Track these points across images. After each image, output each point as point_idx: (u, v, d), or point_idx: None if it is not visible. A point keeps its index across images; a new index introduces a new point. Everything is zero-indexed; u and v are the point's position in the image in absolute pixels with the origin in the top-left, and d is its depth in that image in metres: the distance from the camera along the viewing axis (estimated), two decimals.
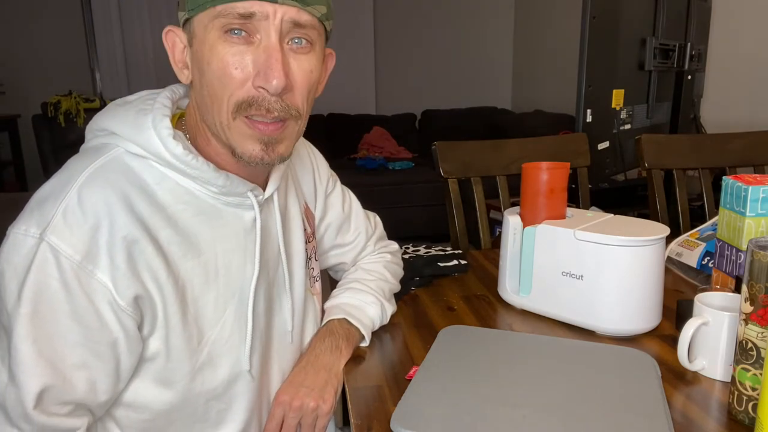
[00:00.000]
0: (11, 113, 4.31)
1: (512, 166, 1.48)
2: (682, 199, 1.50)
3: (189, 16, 0.63)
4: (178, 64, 0.67)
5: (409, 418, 0.65)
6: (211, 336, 0.69)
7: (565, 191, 0.94)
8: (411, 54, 4.94)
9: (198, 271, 0.67)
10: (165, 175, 0.66)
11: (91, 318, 0.60)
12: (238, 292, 0.71)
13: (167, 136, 0.64)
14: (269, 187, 0.74)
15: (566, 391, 0.70)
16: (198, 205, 0.67)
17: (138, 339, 0.64)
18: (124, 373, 0.64)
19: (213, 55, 0.61)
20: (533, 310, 0.96)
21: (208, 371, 0.70)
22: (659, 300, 0.88)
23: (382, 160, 4.12)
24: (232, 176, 0.68)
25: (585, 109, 1.81)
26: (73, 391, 0.61)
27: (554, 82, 4.37)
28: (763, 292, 0.62)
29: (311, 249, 0.86)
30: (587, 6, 1.76)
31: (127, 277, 0.61)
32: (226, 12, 0.60)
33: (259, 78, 0.61)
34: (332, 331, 0.84)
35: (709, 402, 0.71)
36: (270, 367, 0.79)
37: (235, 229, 0.71)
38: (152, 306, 0.64)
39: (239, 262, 0.71)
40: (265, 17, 0.60)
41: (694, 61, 2.25)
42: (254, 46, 0.61)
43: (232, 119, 0.63)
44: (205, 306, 0.68)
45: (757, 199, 0.89)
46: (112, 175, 0.63)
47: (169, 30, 0.67)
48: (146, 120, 0.65)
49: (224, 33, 0.61)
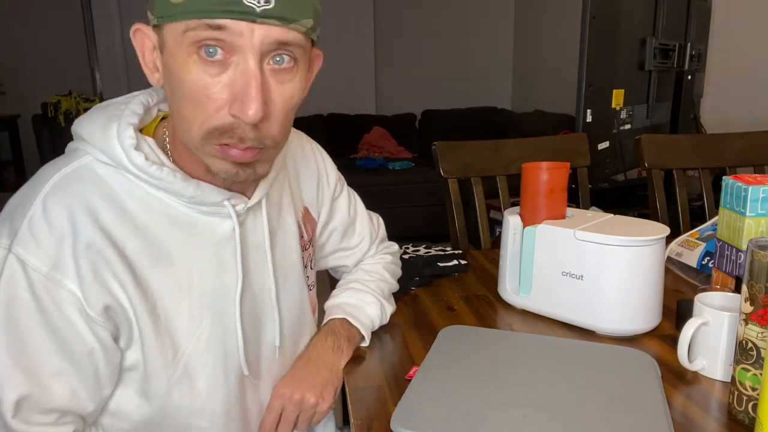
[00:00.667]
0: (11, 113, 4.31)
1: (512, 166, 1.48)
2: (682, 199, 1.50)
3: (157, 23, 0.59)
4: (148, 65, 0.63)
5: (409, 418, 0.65)
6: (186, 349, 0.67)
7: (565, 191, 0.94)
8: (411, 54, 4.94)
9: (169, 281, 0.65)
10: (135, 184, 0.63)
11: (64, 327, 0.60)
12: (215, 304, 0.68)
13: (129, 147, 0.62)
14: (255, 196, 0.71)
15: (566, 391, 0.70)
16: (169, 214, 0.65)
17: (115, 349, 0.63)
18: (105, 381, 0.64)
19: (185, 74, 0.57)
20: (533, 310, 0.96)
21: (185, 385, 0.68)
22: (659, 300, 0.88)
23: (382, 160, 4.12)
24: (204, 185, 0.65)
25: (585, 109, 1.81)
26: (52, 398, 0.61)
27: (554, 82, 4.37)
28: (763, 292, 0.62)
29: (307, 257, 0.84)
30: (587, 6, 1.76)
31: (94, 287, 0.60)
32: (194, 25, 0.55)
33: (235, 105, 0.56)
34: (334, 331, 0.83)
35: (709, 402, 0.71)
36: (259, 384, 0.77)
37: (212, 239, 0.68)
38: (126, 317, 0.62)
39: (216, 273, 0.68)
40: (239, 34, 0.54)
41: (694, 61, 2.25)
42: (231, 68, 0.56)
43: (204, 143, 0.60)
44: (178, 317, 0.66)
45: (757, 199, 0.89)
46: (77, 184, 0.62)
47: (137, 29, 0.62)
48: (112, 127, 0.63)
49: (198, 50, 0.56)
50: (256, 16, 0.54)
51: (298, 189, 0.84)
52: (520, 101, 4.97)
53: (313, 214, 0.87)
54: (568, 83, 2.35)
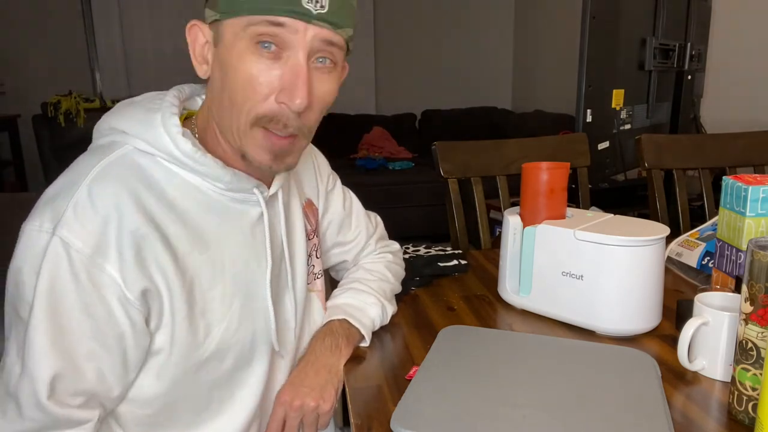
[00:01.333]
0: (11, 113, 4.30)
1: (512, 166, 1.48)
2: (682, 199, 1.50)
3: (219, 18, 0.64)
4: (197, 58, 0.68)
5: (409, 418, 0.65)
6: (219, 329, 0.70)
7: (565, 191, 0.94)
8: (411, 54, 4.94)
9: (206, 266, 0.68)
10: (173, 172, 0.67)
11: (100, 311, 0.62)
12: (244, 287, 0.72)
13: (176, 134, 0.66)
14: (274, 185, 0.76)
15: (566, 391, 0.70)
16: (205, 201, 0.69)
17: (145, 332, 0.65)
18: (132, 365, 0.66)
19: (241, 63, 0.62)
20: (533, 310, 0.96)
21: (214, 363, 0.71)
22: (659, 300, 0.88)
23: (382, 160, 4.12)
24: (239, 173, 0.70)
25: (585, 109, 1.81)
26: (83, 381, 0.63)
27: (554, 82, 4.37)
28: (763, 292, 0.62)
29: (312, 246, 0.87)
30: (587, 6, 1.76)
31: (135, 272, 0.62)
32: (257, 20, 0.61)
33: (283, 94, 0.63)
34: (332, 331, 0.84)
35: (709, 402, 0.71)
36: (276, 360, 0.80)
37: (242, 225, 0.72)
38: (159, 300, 0.65)
39: (246, 257, 0.73)
40: (295, 31, 0.61)
41: (694, 61, 2.25)
42: (282, 61, 0.63)
43: (249, 128, 0.65)
44: (213, 300, 0.69)
45: (757, 199, 0.89)
46: (121, 172, 0.64)
47: (193, 24, 0.67)
48: (155, 118, 0.67)
49: (255, 44, 0.62)
50: (312, 18, 0.61)
51: (300, 181, 0.88)
52: (520, 101, 4.97)
53: (315, 204, 0.90)
54: (568, 83, 2.35)
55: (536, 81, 4.73)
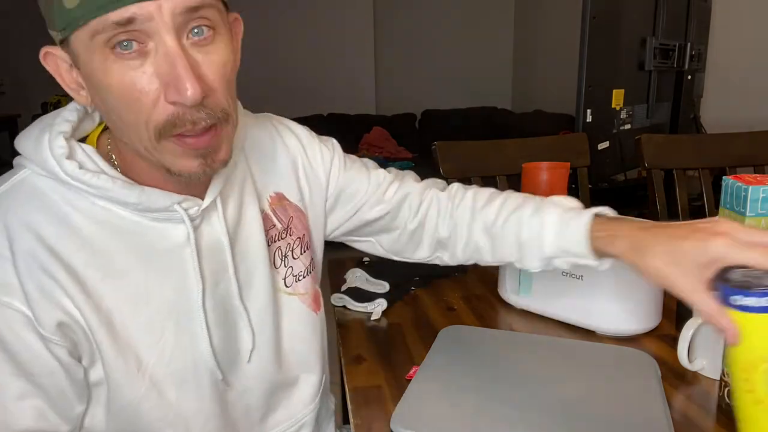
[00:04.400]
0: (11, 113, 4.31)
1: (512, 166, 1.48)
2: (682, 199, 1.50)
3: (63, 37, 0.54)
4: (70, 86, 0.59)
5: (409, 418, 0.65)
6: (150, 361, 0.63)
7: (565, 191, 0.94)
8: (411, 54, 4.94)
9: (123, 294, 0.61)
10: (79, 195, 0.60)
11: (19, 349, 0.57)
12: (175, 314, 0.64)
13: (61, 156, 0.58)
14: (208, 197, 0.65)
15: (566, 391, 0.70)
16: (117, 224, 0.61)
17: (76, 366, 0.61)
18: (73, 399, 0.62)
19: (108, 78, 0.53)
20: (533, 310, 0.96)
21: (154, 397, 0.64)
22: (659, 300, 0.88)
23: (382, 160, 4.13)
24: (149, 190, 0.60)
25: (585, 109, 1.81)
26: (20, 422, 0.59)
27: (554, 82, 4.38)
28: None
29: (287, 246, 0.77)
30: (587, 6, 1.76)
31: (43, 305, 0.57)
32: (100, 26, 0.50)
33: (170, 92, 0.53)
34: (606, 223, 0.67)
35: (709, 402, 0.71)
36: (229, 390, 0.71)
37: (166, 246, 0.63)
38: (83, 332, 0.59)
39: (174, 281, 0.64)
40: (148, 18, 0.51)
41: (694, 61, 2.25)
42: (151, 56, 0.53)
43: (157, 143, 0.56)
44: (137, 330, 0.62)
45: (757, 199, 0.89)
46: (16, 200, 0.59)
47: (46, 52, 0.57)
48: (44, 138, 0.60)
49: (111, 50, 0.52)
50: None
51: (264, 175, 0.76)
52: (520, 101, 4.97)
53: (291, 199, 0.78)
54: (568, 83, 2.35)
55: (536, 81, 4.73)
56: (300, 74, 4.76)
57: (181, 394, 0.66)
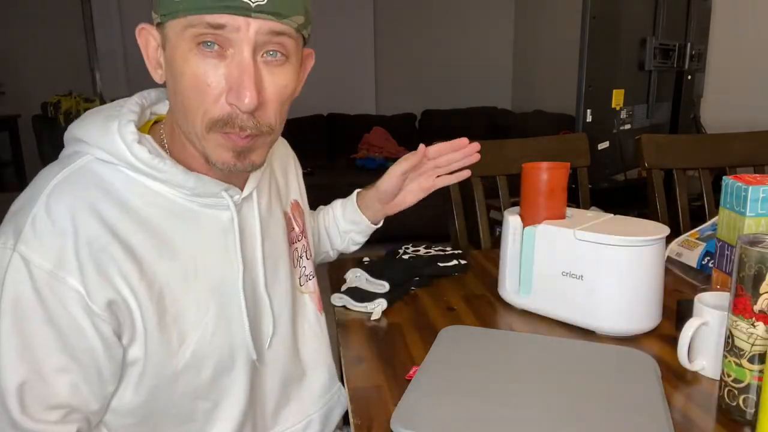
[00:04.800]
0: (11, 113, 4.31)
1: (512, 166, 1.48)
2: (682, 199, 1.50)
3: (161, 20, 0.62)
4: (151, 62, 0.67)
5: (409, 418, 0.65)
6: (194, 337, 0.69)
7: (565, 191, 0.94)
8: (411, 54, 4.94)
9: (176, 273, 0.67)
10: (134, 180, 0.66)
11: (66, 324, 0.61)
12: (219, 294, 0.71)
13: (132, 141, 0.64)
14: (247, 187, 0.74)
15: (566, 391, 0.70)
16: (170, 207, 0.68)
17: (117, 345, 0.64)
18: (108, 378, 0.65)
19: (186, 66, 0.61)
20: (533, 310, 0.96)
21: (192, 372, 0.69)
22: (659, 300, 0.88)
23: (382, 160, 4.12)
24: (204, 177, 0.68)
25: (585, 109, 1.81)
26: (55, 394, 0.62)
27: (554, 82, 4.37)
28: (738, 282, 0.64)
29: (302, 248, 0.87)
30: (587, 6, 1.76)
31: (98, 283, 0.61)
32: (196, 22, 0.59)
33: (231, 94, 0.61)
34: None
35: (709, 402, 0.71)
36: (262, 366, 0.78)
37: (212, 229, 0.71)
38: (129, 311, 0.64)
39: (218, 262, 0.71)
40: (236, 29, 0.59)
41: (694, 61, 2.25)
42: (227, 60, 0.60)
43: (206, 132, 0.63)
44: (186, 308, 0.68)
45: (757, 199, 0.89)
46: (79, 183, 0.64)
47: (142, 28, 0.66)
48: (112, 125, 0.66)
49: (197, 45, 0.60)
50: (251, 11, 0.58)
51: (285, 183, 0.88)
52: (520, 101, 4.97)
53: (303, 206, 0.92)
54: (568, 83, 2.35)
55: (536, 81, 4.73)
56: None
57: (219, 372, 0.71)
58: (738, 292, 0.64)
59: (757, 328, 0.63)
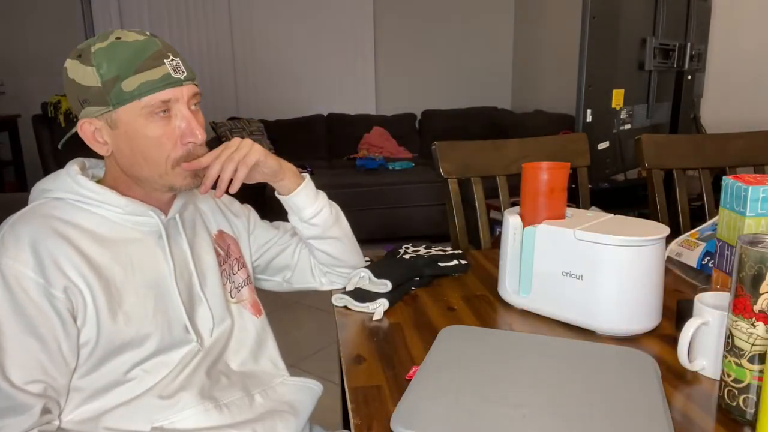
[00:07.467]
0: (11, 113, 4.31)
1: (512, 166, 1.48)
2: (682, 199, 1.51)
3: (112, 109, 0.82)
4: (97, 143, 0.86)
5: (409, 418, 0.65)
6: (136, 318, 0.84)
7: (565, 191, 0.94)
8: (411, 54, 4.94)
9: (117, 266, 0.84)
10: (80, 209, 0.85)
11: (29, 306, 0.77)
12: (155, 285, 0.87)
13: (75, 174, 0.86)
14: (173, 208, 0.93)
15: (566, 391, 0.70)
16: (110, 224, 0.86)
17: (72, 324, 0.79)
18: (68, 354, 0.79)
19: (147, 131, 0.83)
20: (533, 310, 0.96)
21: (136, 346, 0.84)
22: (659, 300, 0.88)
23: (382, 160, 4.12)
24: (133, 200, 0.87)
25: (585, 109, 1.81)
26: (30, 373, 0.76)
27: (554, 82, 4.38)
28: (738, 282, 0.64)
29: (229, 268, 1.01)
30: (587, 6, 1.76)
31: (55, 273, 0.78)
32: (151, 102, 0.81)
33: (186, 137, 0.85)
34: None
35: (709, 402, 0.71)
36: (197, 350, 0.90)
37: (145, 237, 0.89)
38: (81, 297, 0.80)
39: (152, 262, 0.88)
40: (177, 99, 0.84)
41: (694, 61, 2.25)
42: (173, 118, 0.85)
43: (171, 169, 0.85)
44: (128, 294, 0.84)
45: (757, 199, 0.89)
46: (35, 213, 0.83)
47: (83, 122, 0.85)
48: (61, 172, 0.88)
49: (152, 114, 0.83)
50: (182, 82, 0.84)
51: (206, 214, 1.03)
52: (520, 101, 4.97)
53: (227, 231, 1.04)
54: (568, 83, 2.35)
55: (536, 81, 4.73)
56: (300, 74, 4.76)
57: (161, 349, 0.86)
58: (738, 292, 0.64)
59: (757, 328, 0.63)
